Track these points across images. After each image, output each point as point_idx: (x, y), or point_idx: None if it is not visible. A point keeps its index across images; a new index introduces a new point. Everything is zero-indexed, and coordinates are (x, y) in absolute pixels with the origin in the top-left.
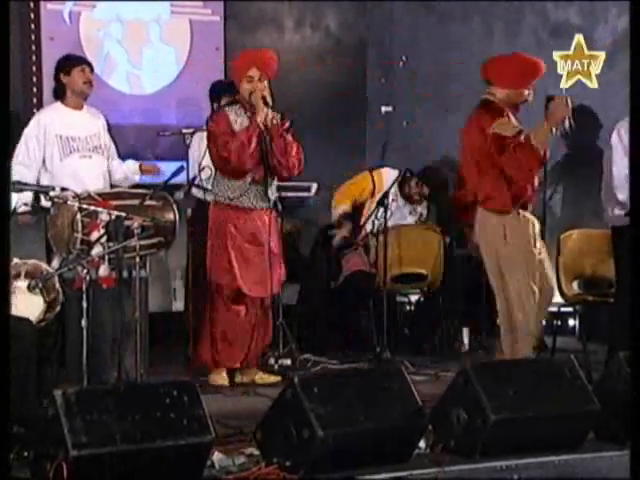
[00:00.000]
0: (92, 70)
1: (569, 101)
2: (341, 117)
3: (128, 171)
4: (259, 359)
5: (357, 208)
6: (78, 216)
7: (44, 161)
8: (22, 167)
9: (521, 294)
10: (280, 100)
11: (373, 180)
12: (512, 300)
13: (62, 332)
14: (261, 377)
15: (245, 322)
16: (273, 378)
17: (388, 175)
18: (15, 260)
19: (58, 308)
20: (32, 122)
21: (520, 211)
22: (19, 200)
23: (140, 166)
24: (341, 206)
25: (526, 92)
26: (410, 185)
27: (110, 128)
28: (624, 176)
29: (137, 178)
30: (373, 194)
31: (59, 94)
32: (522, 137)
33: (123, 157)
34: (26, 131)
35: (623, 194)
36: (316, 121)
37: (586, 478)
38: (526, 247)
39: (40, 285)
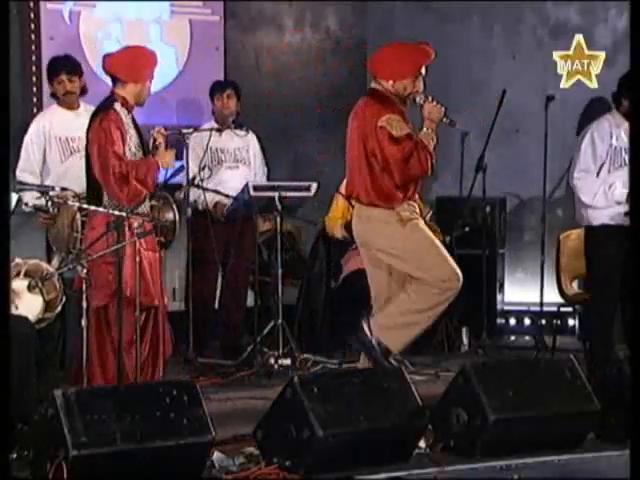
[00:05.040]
0: (76, 74)
1: (439, 105)
2: (341, 117)
3: None
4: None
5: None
6: (78, 216)
7: (46, 164)
8: (27, 174)
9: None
10: (280, 100)
11: (344, 196)
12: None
13: (63, 335)
14: None
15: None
16: None
17: None
18: (17, 260)
19: (59, 308)
20: (32, 127)
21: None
22: (27, 201)
23: None
24: (337, 232)
25: (410, 84)
26: None
27: None
28: (584, 178)
29: None
30: (353, 205)
31: (54, 96)
32: (411, 140)
33: None
34: (26, 137)
35: (587, 198)
36: (316, 121)
37: (586, 478)
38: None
39: (39, 284)
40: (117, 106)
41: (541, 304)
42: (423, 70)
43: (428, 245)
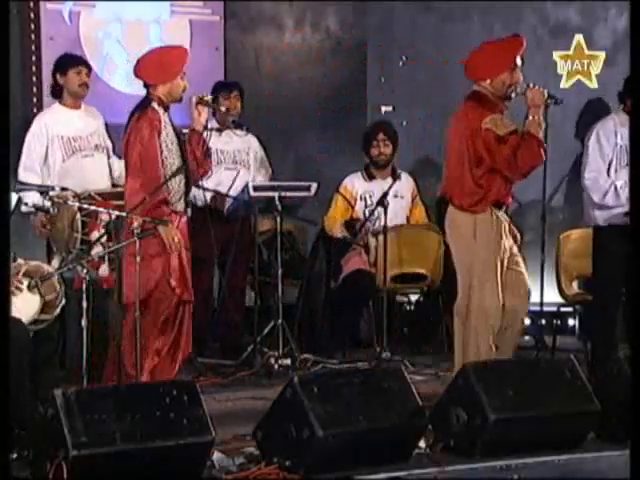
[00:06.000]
0: (89, 71)
1: (544, 91)
2: (341, 117)
3: (124, 170)
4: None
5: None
6: (78, 216)
7: (47, 163)
8: (29, 172)
9: (484, 304)
10: (280, 100)
11: (344, 196)
12: (472, 309)
13: (63, 334)
14: None
15: None
16: None
17: (352, 181)
18: (18, 260)
19: (58, 310)
20: (33, 126)
21: (494, 211)
22: (28, 201)
23: None
24: (336, 231)
25: (507, 78)
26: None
27: (109, 128)
28: (594, 178)
29: None
30: (352, 206)
31: (56, 93)
32: (517, 135)
33: (122, 158)
34: (28, 136)
35: (597, 196)
36: (316, 121)
37: (586, 478)
38: (496, 249)
39: (39, 284)
40: (154, 105)
41: (541, 304)
42: (519, 61)
43: (482, 269)
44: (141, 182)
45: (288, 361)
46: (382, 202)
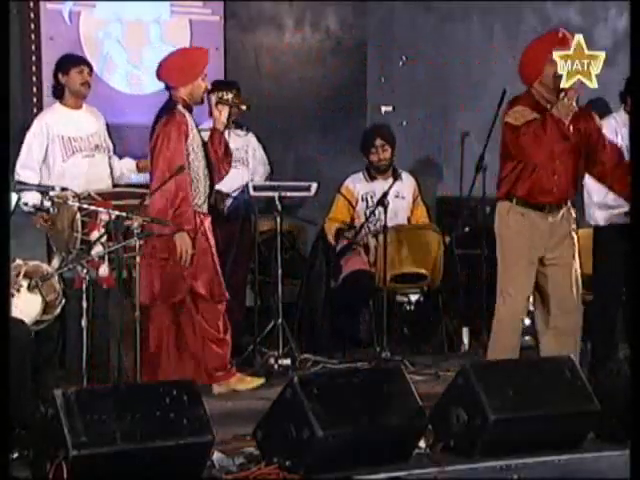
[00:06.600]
0: (91, 71)
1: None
2: (341, 117)
3: (124, 169)
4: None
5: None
6: (78, 216)
7: (47, 162)
8: (28, 170)
9: (500, 303)
10: (280, 100)
11: (345, 197)
12: (496, 310)
13: (63, 334)
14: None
15: None
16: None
17: (354, 182)
18: (17, 261)
19: (58, 311)
20: (34, 125)
21: (519, 208)
22: (27, 201)
23: (137, 164)
24: (330, 235)
25: (550, 69)
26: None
27: (109, 128)
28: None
29: (133, 176)
30: (353, 206)
31: (57, 93)
32: (534, 122)
33: (123, 158)
34: (29, 135)
35: (598, 196)
36: (316, 121)
37: (586, 478)
38: (518, 247)
39: (40, 284)
40: (180, 107)
41: None
42: (555, 55)
43: (508, 258)
44: (167, 187)
45: (288, 361)
46: (382, 202)
